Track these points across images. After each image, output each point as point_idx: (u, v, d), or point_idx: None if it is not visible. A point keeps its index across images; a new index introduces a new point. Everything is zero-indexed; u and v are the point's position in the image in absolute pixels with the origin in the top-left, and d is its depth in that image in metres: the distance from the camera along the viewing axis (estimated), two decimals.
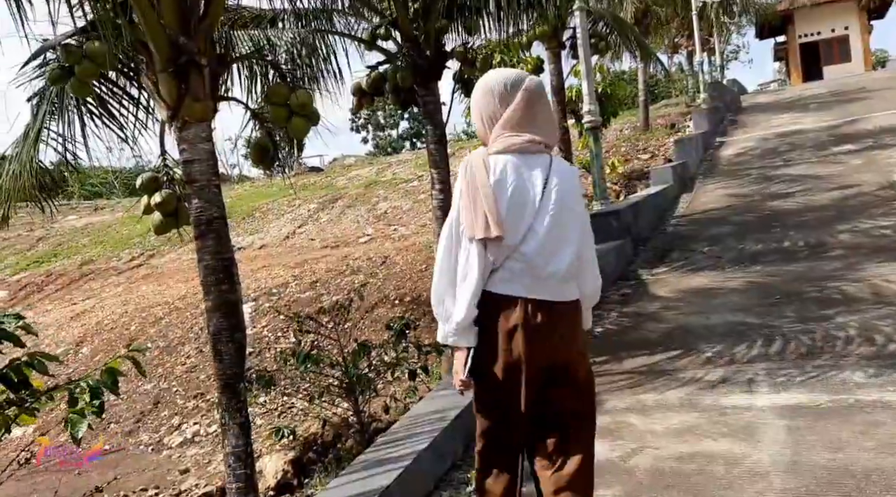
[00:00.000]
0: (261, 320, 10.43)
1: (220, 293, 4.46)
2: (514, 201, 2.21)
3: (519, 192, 2.22)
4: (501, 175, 2.21)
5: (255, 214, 21.69)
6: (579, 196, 2.35)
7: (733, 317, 5.35)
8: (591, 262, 2.37)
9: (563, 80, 13.44)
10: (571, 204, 2.28)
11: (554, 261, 2.23)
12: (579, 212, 2.33)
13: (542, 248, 2.22)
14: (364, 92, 7.81)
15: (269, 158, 4.83)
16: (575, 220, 2.29)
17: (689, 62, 28.85)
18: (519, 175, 2.23)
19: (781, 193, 10.05)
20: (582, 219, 2.35)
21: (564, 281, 2.26)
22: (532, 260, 2.22)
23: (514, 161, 2.24)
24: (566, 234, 2.26)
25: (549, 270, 2.23)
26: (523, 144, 2.25)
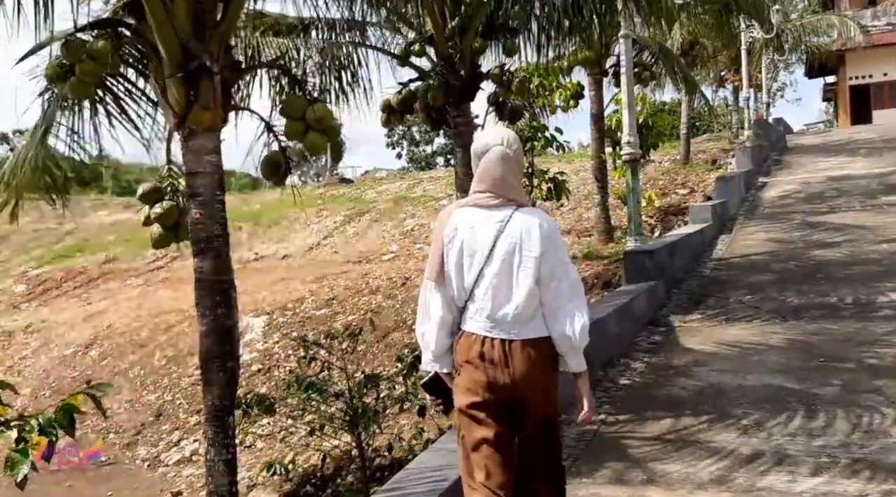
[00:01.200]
0: (273, 335, 10.13)
1: (216, 317, 4.13)
2: (465, 250, 2.48)
3: (469, 242, 2.49)
4: (455, 229, 2.51)
5: (282, 223, 21.53)
6: (542, 243, 2.47)
7: (772, 379, 4.88)
8: (558, 308, 2.48)
9: (602, 108, 13.07)
10: (524, 251, 2.46)
11: (504, 304, 2.45)
12: (536, 257, 2.45)
13: (491, 292, 2.46)
14: (393, 109, 7.52)
15: (280, 174, 4.51)
16: (529, 266, 2.45)
17: (735, 97, 28.20)
18: (472, 227, 2.49)
19: (826, 242, 9.50)
20: (546, 265, 2.46)
21: (518, 323, 2.45)
22: (483, 302, 2.47)
23: (473, 214, 2.52)
24: (516, 279, 2.46)
25: (500, 313, 2.46)
26: (483, 199, 2.52)
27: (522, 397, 2.46)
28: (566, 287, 2.51)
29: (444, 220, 2.56)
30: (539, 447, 2.56)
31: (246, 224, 21.85)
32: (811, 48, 28.99)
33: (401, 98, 7.40)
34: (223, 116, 4.13)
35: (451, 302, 2.53)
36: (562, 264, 2.52)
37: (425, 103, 7.46)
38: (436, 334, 2.54)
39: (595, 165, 12.84)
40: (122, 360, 10.47)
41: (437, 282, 2.54)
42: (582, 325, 2.49)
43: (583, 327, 2.49)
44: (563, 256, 2.55)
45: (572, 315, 2.48)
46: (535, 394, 2.47)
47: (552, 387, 2.55)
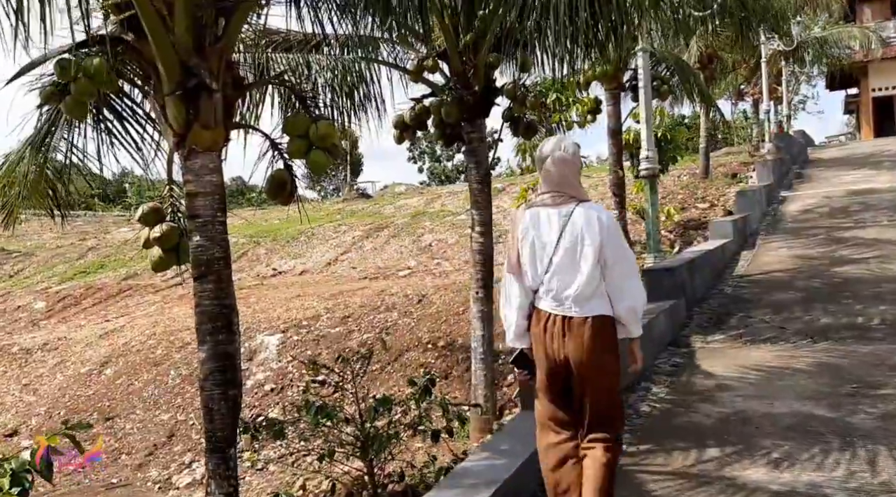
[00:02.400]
0: (287, 354, 9.98)
1: (217, 344, 3.98)
2: (536, 244, 3.04)
3: (538, 237, 3.05)
4: (525, 227, 3.08)
5: (300, 238, 21.50)
6: (602, 233, 2.97)
7: (801, 406, 4.64)
8: (622, 286, 3.02)
9: (620, 123, 12.85)
10: (585, 241, 2.97)
11: (568, 287, 2.98)
12: (597, 245, 2.96)
13: (559, 276, 3.00)
14: (406, 125, 7.38)
15: (286, 193, 4.37)
16: (590, 254, 2.96)
17: (755, 110, 27.85)
18: (539, 224, 3.06)
19: (852, 259, 9.22)
20: (605, 251, 2.97)
21: (579, 301, 2.97)
22: (551, 285, 3.01)
23: (540, 212, 3.08)
24: (578, 265, 2.97)
25: (564, 294, 2.99)
26: (546, 199, 3.09)
27: (578, 367, 2.97)
28: (627, 268, 3.07)
29: (516, 219, 3.16)
30: (596, 408, 3.02)
31: (264, 239, 21.87)
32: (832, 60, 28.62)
33: (414, 114, 7.27)
34: (225, 135, 4.00)
35: (527, 289, 3.08)
36: (621, 249, 3.06)
37: (439, 119, 7.32)
38: (515, 317, 3.12)
39: (613, 180, 12.61)
40: (137, 378, 10.38)
41: (515, 273, 3.10)
42: (643, 300, 3.10)
43: (643, 302, 3.11)
44: (622, 242, 3.10)
45: (634, 291, 3.05)
46: (589, 363, 2.95)
47: (610, 358, 3.03)
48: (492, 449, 3.96)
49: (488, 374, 7.25)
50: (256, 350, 10.18)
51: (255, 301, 12.60)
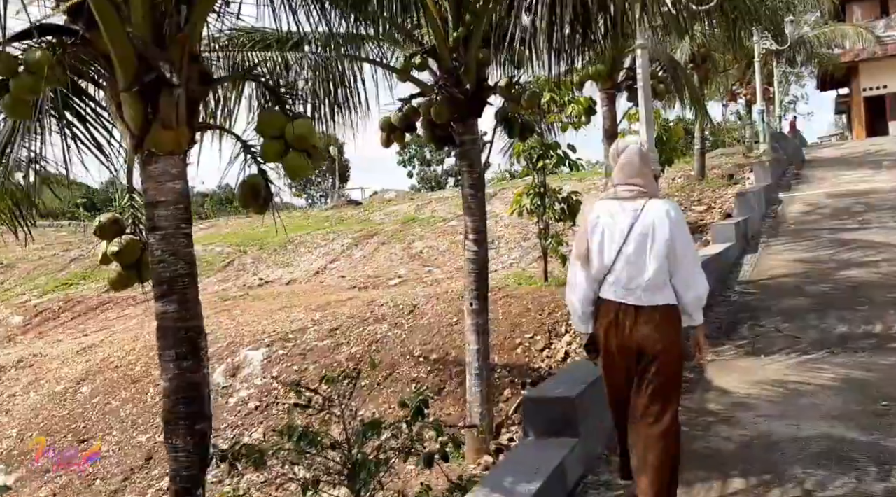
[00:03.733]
0: (272, 369, 9.52)
1: (181, 372, 3.53)
2: (605, 236, 3.16)
3: (609, 228, 3.16)
4: (598, 217, 3.21)
5: (287, 246, 21.03)
6: (671, 228, 3.10)
7: (830, 428, 4.24)
8: (686, 278, 3.15)
9: (616, 124, 12.48)
10: (656, 234, 3.09)
11: (637, 277, 3.09)
12: (667, 239, 3.09)
13: (628, 267, 3.11)
14: (394, 127, 6.96)
15: (260, 201, 3.93)
16: (660, 247, 3.08)
17: (748, 111, 27.60)
18: (612, 215, 3.17)
19: (861, 262, 8.85)
20: (674, 245, 3.10)
21: (648, 291, 3.10)
22: (620, 275, 3.13)
23: (612, 204, 3.21)
24: (648, 257, 3.08)
25: (634, 283, 3.11)
26: (620, 192, 3.21)
27: (647, 352, 3.12)
28: (693, 260, 3.25)
29: (586, 210, 3.51)
30: (662, 386, 3.18)
31: (251, 248, 21.39)
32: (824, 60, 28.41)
33: (402, 115, 6.86)
34: (189, 136, 3.57)
35: (592, 278, 3.22)
36: (688, 243, 3.21)
37: (428, 120, 6.91)
38: (581, 304, 3.28)
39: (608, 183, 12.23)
40: (114, 397, 9.90)
41: (582, 261, 3.25)
42: (706, 288, 3.28)
43: (707, 290, 3.28)
44: (688, 237, 3.23)
45: (700, 282, 3.22)
46: (660, 347, 3.11)
47: (676, 344, 3.19)
48: (492, 485, 3.52)
49: (484, 391, 6.83)
50: (240, 365, 9.72)
51: (240, 313, 12.13)
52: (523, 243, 16.54)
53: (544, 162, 10.02)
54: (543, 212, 10.22)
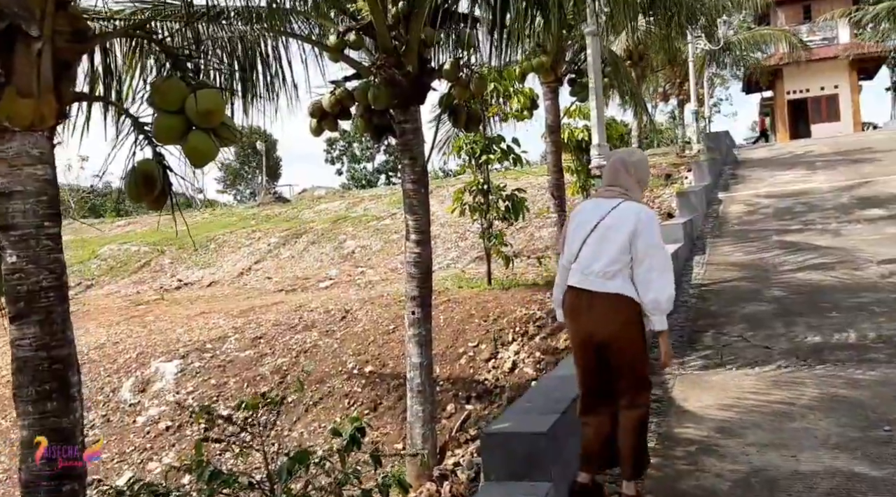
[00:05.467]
0: (187, 383, 8.56)
1: (43, 416, 2.70)
2: (579, 227, 3.44)
3: (583, 221, 3.44)
4: (577, 212, 3.57)
5: (209, 245, 19.82)
6: (637, 224, 3.26)
7: (834, 460, 3.68)
8: (646, 278, 3.24)
9: (559, 119, 11.92)
10: (621, 227, 3.28)
11: (594, 264, 3.31)
12: (630, 232, 3.24)
13: (589, 254, 3.35)
14: (325, 113, 6.15)
15: (155, 192, 3.09)
16: (619, 238, 3.26)
17: (681, 111, 27.76)
18: (588, 211, 3.48)
19: (816, 264, 8.53)
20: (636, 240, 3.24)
21: (601, 277, 3.29)
22: (581, 261, 3.38)
23: (592, 202, 3.60)
24: (607, 247, 3.29)
25: (590, 269, 3.33)
26: (602, 192, 3.57)
27: (602, 339, 3.29)
28: (657, 263, 3.25)
29: (576, 206, 3.60)
30: (623, 382, 3.35)
31: (170, 247, 20.09)
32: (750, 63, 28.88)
33: (334, 99, 6.06)
34: (56, 108, 2.71)
35: (563, 266, 3.47)
36: (655, 246, 3.26)
37: (365, 106, 6.13)
38: (556, 291, 3.55)
39: (552, 181, 11.65)
40: (5, 416, 8.75)
41: (560, 253, 3.53)
42: (668, 295, 3.29)
43: (669, 296, 3.30)
44: (656, 238, 3.29)
45: (661, 286, 3.23)
46: (612, 337, 3.26)
47: (633, 337, 3.32)
48: None
49: (427, 410, 6.09)
50: (150, 380, 8.70)
51: (153, 320, 11.05)
52: (461, 243, 15.90)
53: (487, 157, 9.36)
54: (487, 210, 9.57)
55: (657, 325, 3.31)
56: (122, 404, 8.33)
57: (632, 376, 3.34)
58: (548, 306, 8.48)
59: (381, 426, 7.21)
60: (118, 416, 8.13)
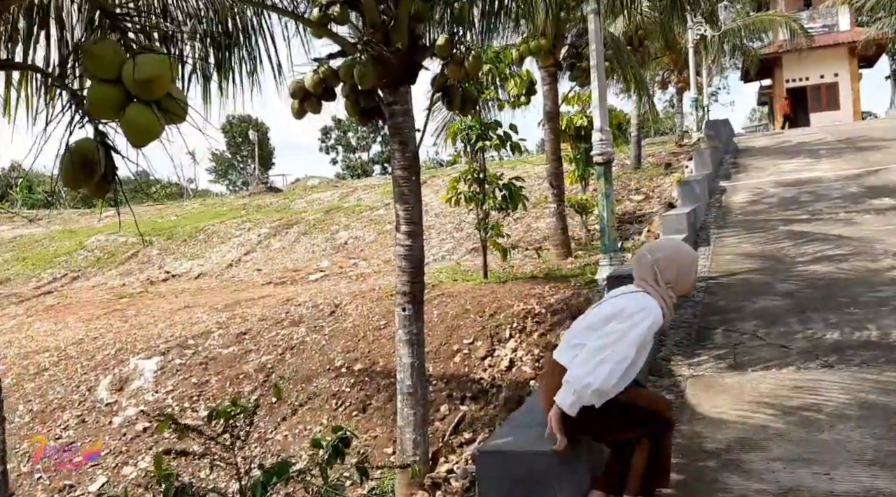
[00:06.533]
0: (167, 381, 8.13)
1: None
2: None
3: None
4: None
5: (198, 236, 19.40)
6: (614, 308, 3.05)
7: (873, 479, 3.27)
8: (582, 354, 2.95)
9: (557, 105, 11.51)
10: (596, 314, 3.13)
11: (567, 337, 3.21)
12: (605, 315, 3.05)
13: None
14: (308, 93, 5.70)
15: (96, 177, 2.63)
16: (593, 316, 3.14)
17: (679, 99, 27.30)
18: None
19: (827, 256, 8.12)
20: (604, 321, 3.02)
21: (563, 347, 3.14)
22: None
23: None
24: (581, 326, 3.15)
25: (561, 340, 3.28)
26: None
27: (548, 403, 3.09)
28: (598, 346, 2.93)
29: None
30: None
31: (158, 238, 19.65)
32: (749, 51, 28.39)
33: (318, 79, 5.60)
34: None
35: None
36: (615, 332, 2.94)
37: (351, 86, 5.69)
38: None
39: (550, 170, 11.25)
40: None
41: None
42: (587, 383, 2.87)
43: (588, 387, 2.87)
44: (623, 327, 2.93)
45: (586, 367, 2.90)
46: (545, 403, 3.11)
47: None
48: None
49: (418, 413, 5.68)
50: (128, 378, 8.28)
51: (134, 314, 10.61)
52: (456, 234, 15.47)
53: (483, 144, 8.91)
54: (482, 200, 9.13)
55: (559, 398, 2.91)
56: (98, 404, 7.90)
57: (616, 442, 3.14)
58: (547, 301, 8.07)
59: (371, 428, 6.80)
60: (94, 417, 7.70)
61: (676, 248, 3.23)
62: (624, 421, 3.01)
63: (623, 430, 3.05)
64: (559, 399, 2.92)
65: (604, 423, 3.00)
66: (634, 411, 3.01)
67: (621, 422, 3.01)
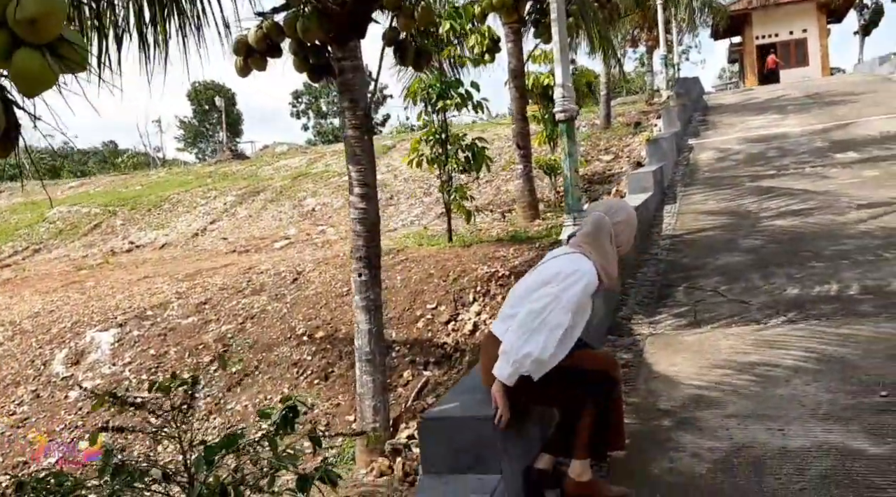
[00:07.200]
0: (124, 354, 7.93)
1: None
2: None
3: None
4: None
5: (163, 206, 19.01)
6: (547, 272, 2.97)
7: (827, 434, 3.21)
8: (515, 323, 2.85)
9: (522, 63, 11.25)
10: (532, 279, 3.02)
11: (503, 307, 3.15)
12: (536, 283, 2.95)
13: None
14: (252, 49, 5.44)
15: None
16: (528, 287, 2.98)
17: (649, 58, 27.08)
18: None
19: (791, 211, 8.08)
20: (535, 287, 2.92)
21: (498, 320, 3.08)
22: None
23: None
24: (517, 293, 3.04)
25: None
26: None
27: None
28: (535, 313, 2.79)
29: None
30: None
31: (122, 208, 19.23)
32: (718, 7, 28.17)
33: (261, 34, 5.34)
34: None
35: None
36: (547, 296, 2.82)
37: (299, 42, 5.44)
38: None
39: (517, 129, 11.04)
40: None
41: None
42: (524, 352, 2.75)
43: (523, 353, 2.75)
44: (555, 290, 2.83)
45: (515, 333, 2.80)
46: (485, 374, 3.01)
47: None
48: None
49: (377, 380, 5.56)
50: (85, 351, 8.06)
51: (93, 286, 10.34)
52: (425, 199, 15.28)
53: (444, 103, 8.68)
54: (445, 161, 8.93)
55: (497, 370, 2.81)
56: (53, 378, 7.69)
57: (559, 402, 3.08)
58: (511, 263, 7.95)
59: (333, 396, 6.68)
60: (49, 392, 7.50)
61: (629, 211, 3.14)
62: (567, 385, 2.90)
63: (567, 395, 2.94)
64: (497, 371, 2.81)
65: (546, 392, 2.89)
66: (578, 375, 2.90)
67: (565, 387, 2.90)
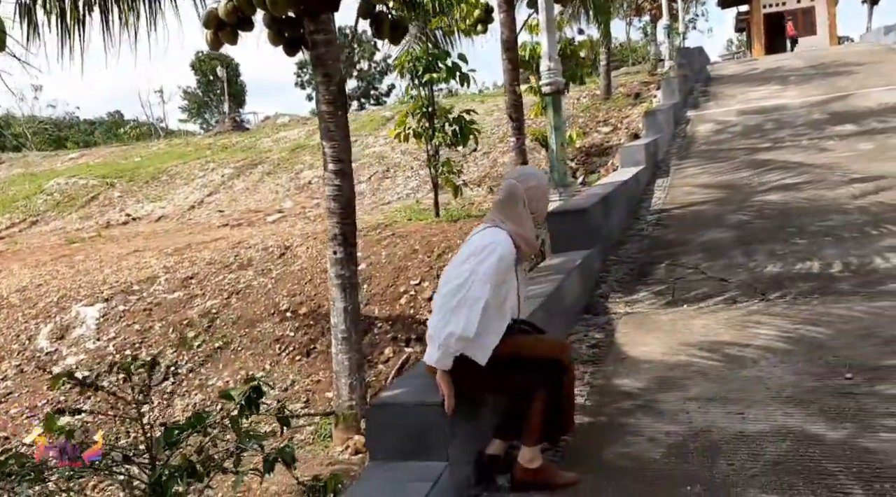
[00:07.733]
0: (109, 329, 7.93)
1: None
2: None
3: None
4: None
5: (161, 178, 18.96)
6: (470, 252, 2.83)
7: (786, 418, 3.15)
8: (435, 305, 2.85)
9: (515, 34, 11.04)
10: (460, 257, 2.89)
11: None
12: (457, 260, 2.88)
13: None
14: (223, 22, 5.33)
15: None
16: (447, 273, 2.91)
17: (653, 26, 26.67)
18: None
19: (783, 185, 7.96)
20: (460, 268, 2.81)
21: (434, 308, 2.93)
22: None
23: None
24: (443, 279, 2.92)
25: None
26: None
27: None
28: (453, 291, 2.74)
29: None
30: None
31: (120, 180, 19.19)
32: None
33: (231, 7, 5.23)
34: None
35: None
36: (463, 273, 2.77)
37: (272, 15, 5.33)
38: None
39: (509, 101, 10.87)
40: None
41: None
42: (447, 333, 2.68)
43: (448, 335, 2.68)
44: (471, 266, 2.77)
45: (438, 315, 2.76)
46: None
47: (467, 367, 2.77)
48: None
49: (353, 357, 5.54)
50: (70, 325, 8.07)
51: (82, 259, 10.33)
52: (421, 171, 15.16)
53: (431, 76, 8.54)
54: (432, 135, 8.82)
55: (428, 355, 2.80)
56: (38, 353, 7.70)
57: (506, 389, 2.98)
58: None
59: (314, 372, 6.67)
60: (32, 367, 7.52)
61: (540, 176, 3.10)
62: (517, 373, 2.84)
63: (517, 382, 2.88)
64: (427, 358, 2.78)
65: (496, 380, 2.83)
66: (527, 362, 2.84)
67: (514, 374, 2.85)
